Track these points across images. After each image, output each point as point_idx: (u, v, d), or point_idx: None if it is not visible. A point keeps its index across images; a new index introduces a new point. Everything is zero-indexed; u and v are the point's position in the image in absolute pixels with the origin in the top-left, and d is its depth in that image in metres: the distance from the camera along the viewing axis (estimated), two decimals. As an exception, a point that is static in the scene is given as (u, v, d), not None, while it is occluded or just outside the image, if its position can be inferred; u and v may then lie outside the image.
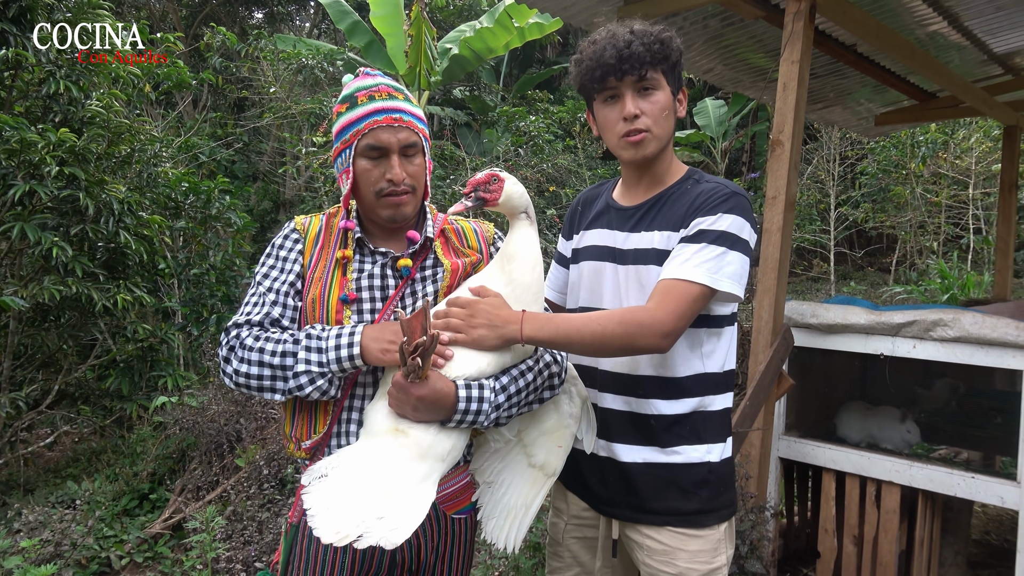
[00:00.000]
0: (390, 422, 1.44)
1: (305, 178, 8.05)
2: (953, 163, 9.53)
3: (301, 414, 1.57)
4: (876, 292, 9.58)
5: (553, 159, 8.55)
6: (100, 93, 4.51)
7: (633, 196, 1.77)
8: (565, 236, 1.96)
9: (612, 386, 1.70)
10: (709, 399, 1.67)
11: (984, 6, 3.70)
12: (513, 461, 1.66)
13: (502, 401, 1.49)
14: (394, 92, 1.59)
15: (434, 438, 1.44)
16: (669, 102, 1.66)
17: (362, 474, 1.38)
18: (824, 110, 5.46)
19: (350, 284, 1.56)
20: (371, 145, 1.54)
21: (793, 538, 3.45)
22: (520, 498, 1.63)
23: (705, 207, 1.60)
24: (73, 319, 4.65)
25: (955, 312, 2.85)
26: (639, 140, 1.64)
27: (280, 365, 1.47)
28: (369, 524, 1.29)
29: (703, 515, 1.65)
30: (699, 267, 1.53)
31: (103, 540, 3.54)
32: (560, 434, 1.67)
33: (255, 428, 4.14)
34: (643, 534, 1.68)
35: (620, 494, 1.69)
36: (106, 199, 4.24)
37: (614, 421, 1.70)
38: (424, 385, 1.39)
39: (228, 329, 1.54)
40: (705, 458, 1.65)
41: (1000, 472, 2.89)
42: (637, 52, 1.59)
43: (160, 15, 9.99)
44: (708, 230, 1.57)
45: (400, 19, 8.35)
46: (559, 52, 15.95)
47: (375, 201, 1.57)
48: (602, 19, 3.85)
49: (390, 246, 1.63)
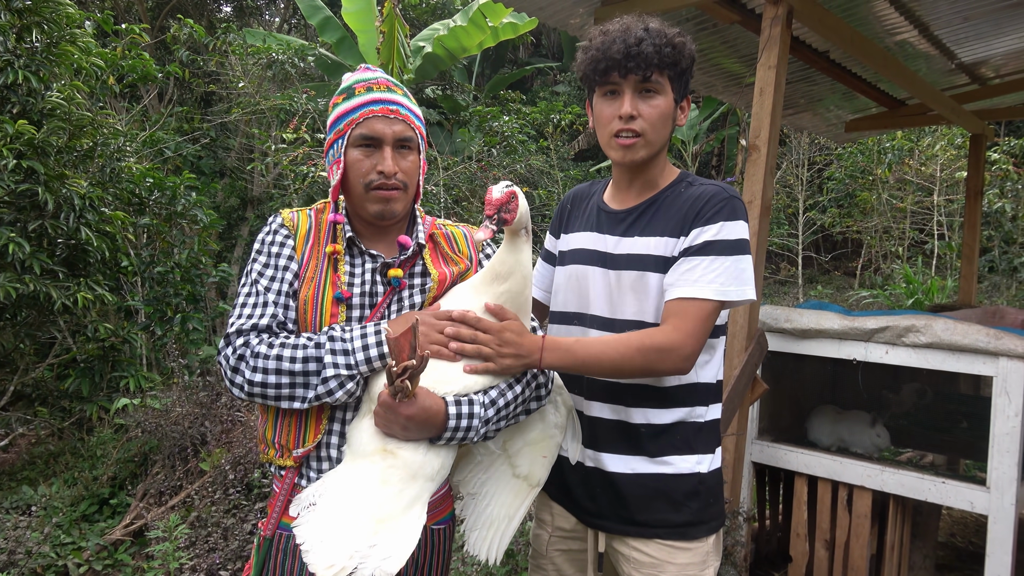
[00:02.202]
0: (377, 442, 1.39)
1: (274, 175, 7.92)
2: (918, 170, 9.72)
3: (288, 421, 1.48)
4: (843, 296, 9.74)
5: (526, 160, 8.54)
6: (61, 84, 4.37)
7: (624, 199, 1.72)
8: (553, 233, 1.91)
9: (600, 394, 1.67)
10: (700, 409, 1.65)
11: (952, 16, 3.76)
12: (497, 472, 1.62)
13: (491, 415, 1.45)
14: (393, 86, 1.54)
15: (424, 457, 1.39)
16: (670, 109, 1.62)
17: (352, 501, 1.33)
18: (795, 116, 5.52)
19: (343, 281, 1.50)
20: (364, 135, 1.48)
21: (765, 542, 3.46)
22: (503, 509, 1.60)
23: (705, 214, 1.57)
24: (31, 317, 4.50)
25: (927, 318, 2.88)
26: (630, 144, 1.61)
27: (303, 371, 1.39)
28: (363, 554, 1.25)
29: (692, 527, 1.62)
30: (712, 283, 1.52)
31: (60, 547, 3.42)
32: (545, 444, 1.64)
33: (220, 431, 4.04)
34: (631, 546, 1.64)
35: (608, 506, 1.66)
36: (67, 194, 4.11)
37: (602, 430, 1.67)
38: (412, 404, 1.34)
39: (231, 336, 1.44)
40: (695, 469, 1.63)
41: (969, 477, 2.93)
42: (646, 52, 1.55)
43: (125, 6, 9.75)
44: (714, 241, 1.55)
45: (373, 15, 8.27)
46: (532, 52, 15.96)
47: (364, 194, 1.51)
48: (577, 20, 3.83)
49: (380, 248, 1.57)
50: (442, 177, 7.30)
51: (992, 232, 8.68)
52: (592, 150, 12.76)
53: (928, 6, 3.62)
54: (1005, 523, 2.65)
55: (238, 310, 1.48)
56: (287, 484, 1.49)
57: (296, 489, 1.48)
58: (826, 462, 3.07)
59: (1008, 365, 2.67)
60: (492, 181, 7.77)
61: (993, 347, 2.68)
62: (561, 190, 8.61)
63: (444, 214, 7.07)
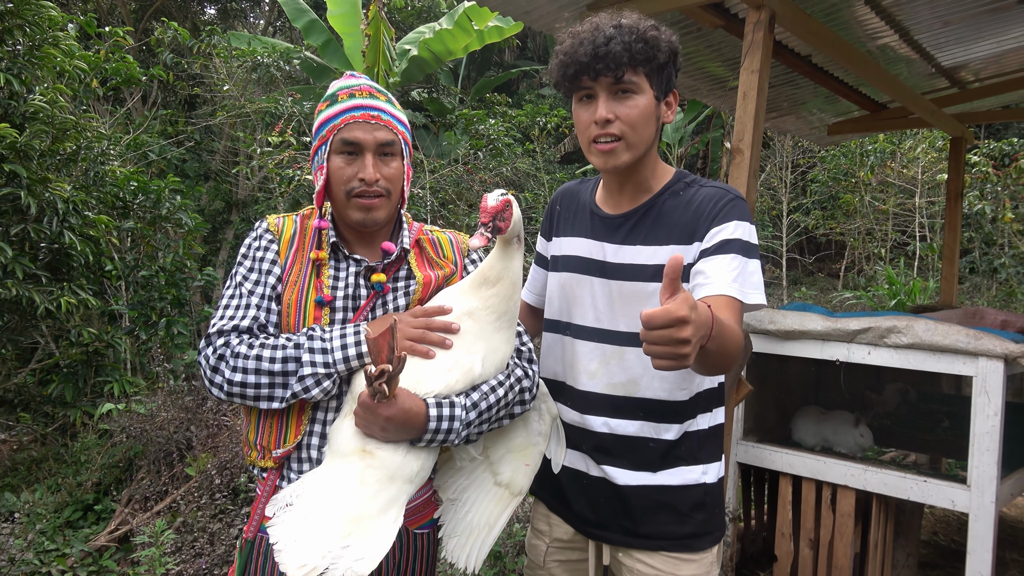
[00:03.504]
0: (357, 442, 1.38)
1: (259, 178, 7.89)
2: (900, 172, 9.82)
3: (269, 422, 1.49)
4: (826, 297, 9.82)
5: (512, 163, 8.55)
6: (44, 87, 4.34)
7: (618, 203, 1.64)
8: (544, 236, 1.85)
9: (604, 409, 1.62)
10: (705, 416, 1.62)
11: (932, 21, 3.80)
12: (479, 479, 1.61)
13: (473, 418, 1.44)
14: (376, 92, 1.55)
15: (403, 459, 1.39)
16: (650, 107, 1.51)
17: (328, 501, 1.32)
18: (778, 119, 5.56)
19: (326, 286, 1.51)
20: (345, 140, 1.49)
21: (750, 542, 3.49)
22: (484, 516, 1.58)
23: (716, 215, 1.50)
24: (12, 322, 4.46)
25: (908, 319, 2.91)
26: (610, 148, 1.51)
27: (282, 371, 1.40)
28: (335, 554, 1.25)
29: (697, 538, 1.59)
30: (734, 283, 1.44)
31: (44, 554, 3.39)
32: (528, 452, 1.62)
33: (206, 436, 4.02)
34: (634, 558, 1.62)
35: (610, 516, 1.63)
36: (50, 198, 4.08)
37: (608, 443, 1.62)
38: (392, 404, 1.33)
39: (211, 337, 1.45)
40: (701, 479, 1.60)
41: (951, 476, 2.96)
42: (614, 51, 1.45)
43: (108, 8, 9.68)
44: (731, 240, 1.47)
45: (358, 18, 8.25)
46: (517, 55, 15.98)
47: (346, 202, 1.51)
48: (563, 24, 3.85)
49: (364, 253, 1.58)
50: (428, 180, 7.30)
51: (973, 234, 8.79)
52: (578, 153, 12.80)
53: (909, 11, 3.66)
54: (985, 521, 2.68)
55: (220, 312, 1.49)
56: (268, 486, 1.50)
57: (277, 490, 1.48)
58: (810, 462, 3.10)
59: (987, 365, 2.71)
60: (479, 184, 7.78)
61: (973, 347, 2.72)
62: (547, 193, 8.63)
63: (430, 217, 7.06)
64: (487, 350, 1.47)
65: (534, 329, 1.90)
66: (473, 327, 1.46)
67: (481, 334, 1.47)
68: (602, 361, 1.62)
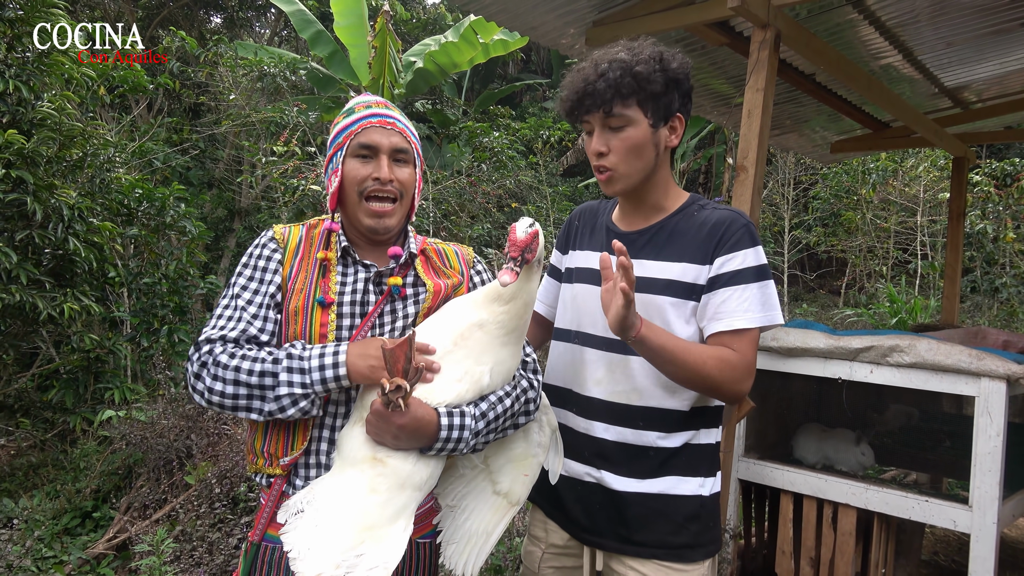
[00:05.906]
0: (367, 450, 1.39)
1: (262, 187, 7.91)
2: (902, 190, 9.85)
3: (276, 430, 1.50)
4: (827, 314, 9.82)
5: (515, 175, 8.58)
6: (52, 94, 4.36)
7: (633, 221, 1.72)
8: (560, 249, 1.91)
9: (607, 416, 1.67)
10: (704, 432, 1.66)
11: (936, 42, 3.83)
12: (478, 487, 1.62)
13: (481, 427, 1.46)
14: (390, 106, 1.60)
15: (413, 467, 1.40)
16: (642, 137, 1.57)
17: (340, 508, 1.33)
18: (781, 136, 5.59)
19: (332, 289, 1.51)
20: (362, 143, 1.52)
21: (751, 559, 3.47)
22: (482, 524, 1.59)
23: (726, 242, 1.58)
24: (15, 328, 4.46)
25: (911, 338, 2.91)
26: (605, 178, 1.63)
27: (259, 384, 1.40)
28: (350, 563, 1.26)
29: (691, 549, 1.62)
30: (748, 312, 1.54)
31: (42, 561, 3.38)
32: (527, 463, 1.64)
33: (206, 444, 4.01)
34: (627, 566, 1.64)
35: (605, 523, 1.66)
36: (55, 204, 4.09)
37: (608, 450, 1.66)
38: (405, 413, 1.34)
39: (199, 344, 1.45)
40: (697, 492, 1.63)
41: (952, 496, 2.95)
42: (599, 89, 1.54)
43: (115, 16, 9.74)
44: (742, 270, 1.57)
45: (364, 30, 8.30)
46: (521, 68, 16.06)
47: (358, 204, 1.53)
48: (568, 40, 3.88)
49: (373, 259, 1.59)
50: (431, 191, 7.32)
51: (974, 253, 8.80)
52: (580, 166, 12.84)
53: (912, 32, 3.69)
54: (987, 542, 2.67)
55: (213, 320, 1.50)
56: (275, 493, 1.50)
57: (284, 497, 1.48)
58: (811, 480, 3.09)
59: (990, 385, 2.70)
60: (482, 196, 7.81)
61: (975, 367, 2.72)
62: (550, 206, 8.66)
63: (433, 228, 7.08)
64: (495, 361, 1.48)
65: (540, 339, 1.95)
66: (483, 338, 1.47)
67: (490, 346, 1.47)
68: (608, 369, 1.68)
